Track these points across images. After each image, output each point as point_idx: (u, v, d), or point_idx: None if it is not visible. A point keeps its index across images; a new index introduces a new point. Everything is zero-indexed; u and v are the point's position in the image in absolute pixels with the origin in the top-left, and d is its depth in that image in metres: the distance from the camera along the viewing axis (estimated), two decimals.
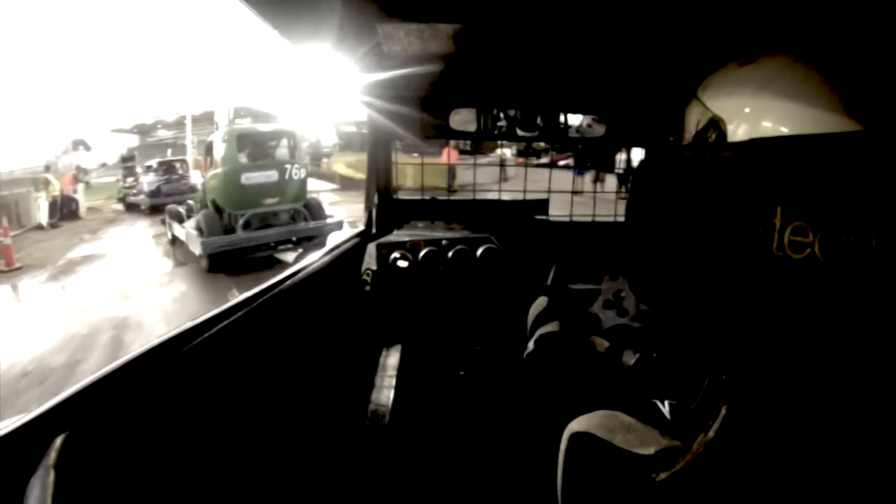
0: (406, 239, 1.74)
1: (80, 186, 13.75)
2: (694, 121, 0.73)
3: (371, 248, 1.75)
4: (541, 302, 1.16)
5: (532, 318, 1.13)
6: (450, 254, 1.72)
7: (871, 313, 0.52)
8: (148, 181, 13.60)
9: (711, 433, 0.54)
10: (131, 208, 13.82)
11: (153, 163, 14.16)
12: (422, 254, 1.71)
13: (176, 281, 6.74)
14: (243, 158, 7.12)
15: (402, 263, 1.69)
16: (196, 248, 6.75)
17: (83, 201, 13.69)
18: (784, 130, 0.59)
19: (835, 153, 0.54)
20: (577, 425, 0.70)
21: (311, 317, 1.46)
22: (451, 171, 9.10)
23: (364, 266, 1.74)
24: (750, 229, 0.57)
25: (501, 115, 1.81)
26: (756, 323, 0.59)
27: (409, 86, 1.57)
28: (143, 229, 11.34)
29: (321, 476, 1.32)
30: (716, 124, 0.67)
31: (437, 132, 1.80)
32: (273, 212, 6.93)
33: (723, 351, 0.62)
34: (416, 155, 2.86)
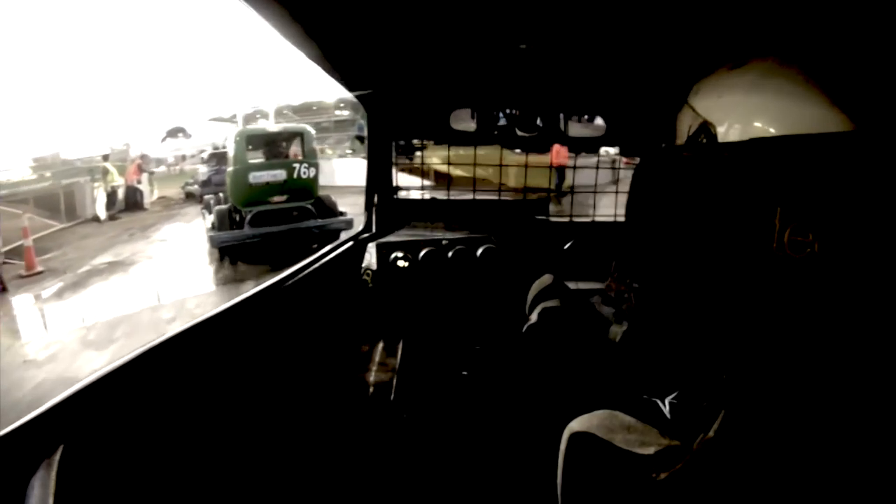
0: (406, 239, 1.68)
1: (145, 177, 12.84)
2: (686, 125, 0.75)
3: (371, 248, 1.70)
4: (545, 279, 1.14)
5: (534, 293, 1.11)
6: (450, 254, 1.66)
7: (870, 312, 0.51)
8: (202, 171, 12.70)
9: (711, 433, 0.54)
10: (190, 198, 12.95)
11: (205, 154, 13.21)
12: (422, 254, 1.64)
13: (185, 319, 4.85)
14: (256, 157, 7.17)
15: (402, 263, 1.64)
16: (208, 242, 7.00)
17: (148, 192, 12.80)
18: (772, 131, 0.60)
19: (832, 153, 0.54)
20: (577, 425, 0.70)
21: (312, 316, 1.49)
22: (560, 171, 7.42)
23: (364, 266, 1.71)
24: (749, 230, 0.57)
25: (501, 115, 1.77)
26: (756, 323, 0.58)
27: (410, 85, 1.59)
28: (199, 226, 10.06)
29: (324, 474, 1.32)
30: (706, 128, 0.69)
31: (436, 132, 1.77)
32: (281, 209, 6.82)
33: (723, 351, 0.62)
34: (518, 151, 2.13)
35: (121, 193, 12.70)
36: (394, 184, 1.85)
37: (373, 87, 1.57)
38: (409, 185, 2.05)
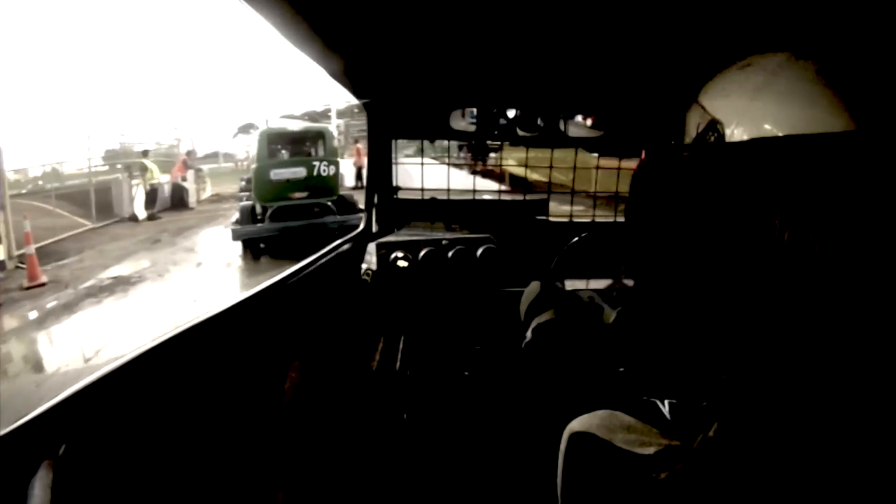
0: (406, 239, 1.65)
1: (191, 174, 12.05)
2: (694, 124, 0.73)
3: (371, 248, 1.66)
4: (533, 288, 1.10)
5: (526, 304, 1.09)
6: (450, 254, 1.63)
7: (871, 314, 0.49)
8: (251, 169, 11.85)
9: (711, 433, 0.54)
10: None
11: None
12: (422, 254, 1.62)
13: None
14: (279, 156, 7.27)
15: (402, 263, 1.61)
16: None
17: (194, 189, 12.02)
18: (780, 131, 0.59)
19: (833, 153, 0.53)
20: (577, 425, 0.70)
21: (312, 316, 1.47)
22: None
23: (364, 266, 1.66)
24: (749, 230, 0.56)
25: (501, 115, 1.75)
26: (756, 323, 0.56)
27: (410, 85, 1.55)
28: None
29: (324, 474, 1.32)
30: (714, 126, 0.67)
31: (436, 131, 1.76)
32: (301, 205, 6.85)
33: (723, 351, 0.60)
34: (595, 155, 1.92)
35: (167, 190, 12.07)
36: (394, 183, 1.83)
37: (373, 87, 1.55)
38: (486, 188, 2.00)
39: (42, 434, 0.59)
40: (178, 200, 11.89)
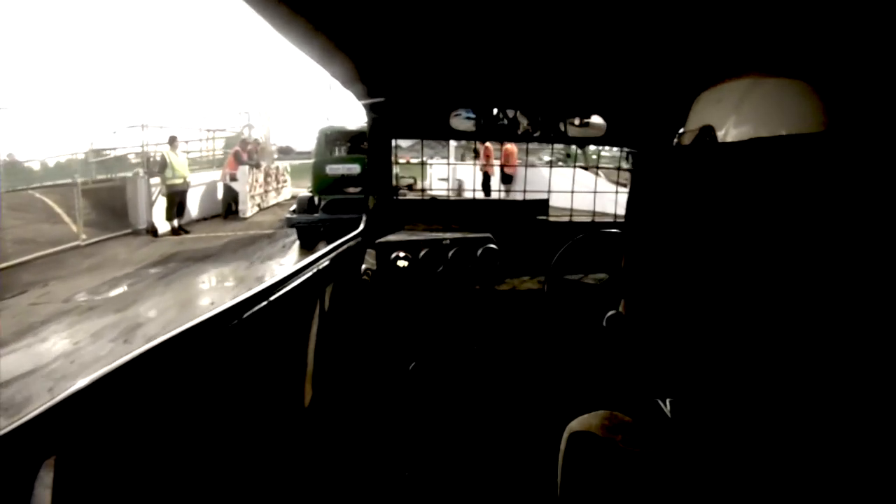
0: (406, 239, 1.65)
1: (243, 171, 9.40)
2: (690, 128, 0.81)
3: (371, 249, 1.68)
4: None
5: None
6: (450, 254, 1.65)
7: (866, 313, 0.50)
8: None
9: (710, 433, 0.55)
10: None
11: None
12: (422, 254, 1.63)
13: None
14: (336, 153, 7.47)
15: (402, 263, 1.62)
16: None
17: (246, 192, 9.41)
18: (765, 132, 0.67)
19: (811, 153, 0.55)
20: (577, 425, 0.72)
21: (312, 315, 1.49)
22: None
23: (364, 266, 1.69)
24: (743, 229, 0.58)
25: (501, 115, 1.78)
26: (754, 323, 0.57)
27: (410, 86, 1.61)
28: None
29: (324, 474, 1.35)
30: (708, 130, 0.75)
31: (437, 132, 1.81)
32: (354, 199, 6.88)
33: (721, 351, 0.60)
34: None
35: (219, 191, 9.92)
36: (394, 183, 1.84)
37: (374, 87, 1.58)
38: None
39: (42, 434, 0.59)
40: (228, 207, 9.72)
